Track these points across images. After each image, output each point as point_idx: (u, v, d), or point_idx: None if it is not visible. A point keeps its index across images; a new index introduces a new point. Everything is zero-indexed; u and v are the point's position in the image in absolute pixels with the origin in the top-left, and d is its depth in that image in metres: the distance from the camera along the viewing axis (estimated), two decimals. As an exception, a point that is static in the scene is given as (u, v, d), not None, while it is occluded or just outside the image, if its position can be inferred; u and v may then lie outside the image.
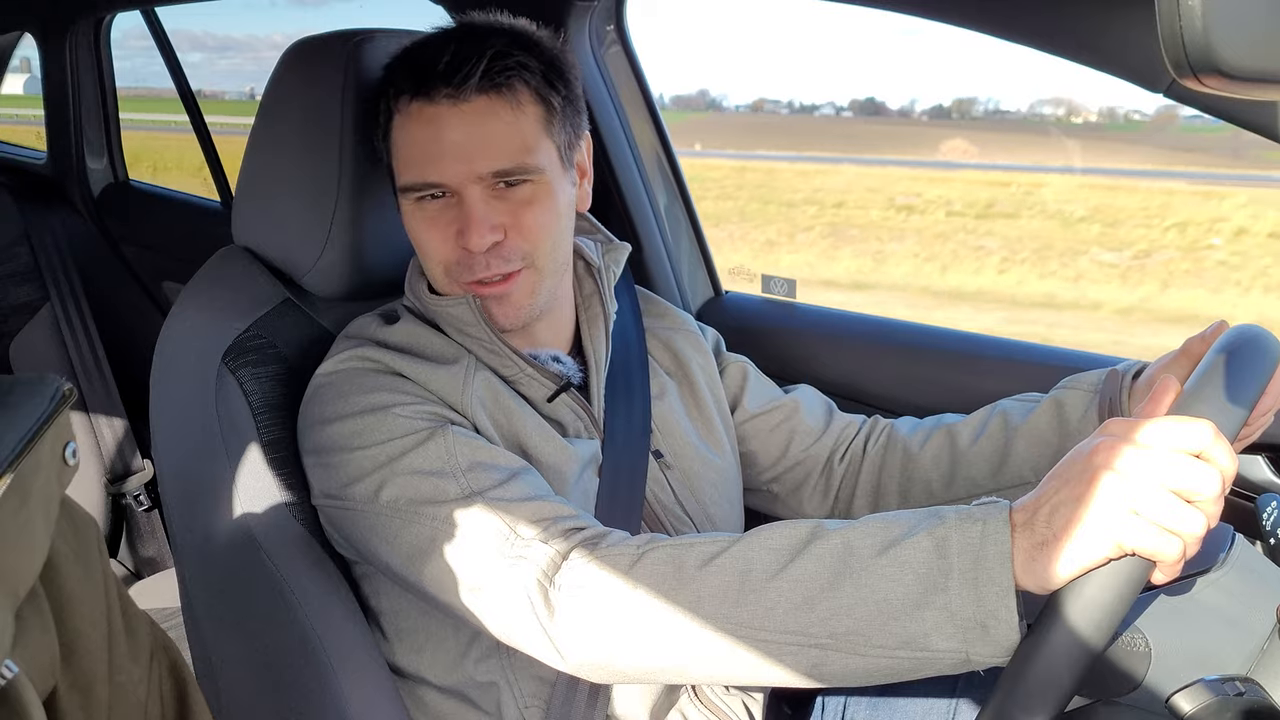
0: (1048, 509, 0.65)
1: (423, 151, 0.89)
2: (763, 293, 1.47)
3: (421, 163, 0.89)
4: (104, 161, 2.29)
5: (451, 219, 0.90)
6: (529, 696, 0.91)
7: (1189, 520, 0.62)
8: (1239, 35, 0.43)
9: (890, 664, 0.69)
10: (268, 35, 24.73)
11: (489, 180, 0.89)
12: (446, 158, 0.88)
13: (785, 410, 1.12)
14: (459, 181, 0.89)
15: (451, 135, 0.88)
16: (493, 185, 0.90)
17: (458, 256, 0.91)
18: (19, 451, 0.43)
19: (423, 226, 0.92)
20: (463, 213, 0.89)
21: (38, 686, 0.45)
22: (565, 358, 1.00)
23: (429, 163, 0.89)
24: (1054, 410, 0.98)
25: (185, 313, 1.03)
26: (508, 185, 0.90)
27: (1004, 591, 0.65)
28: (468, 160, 0.88)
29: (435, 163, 0.89)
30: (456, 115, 0.88)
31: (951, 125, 15.36)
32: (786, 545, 0.73)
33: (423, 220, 0.91)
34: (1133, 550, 0.63)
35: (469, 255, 0.90)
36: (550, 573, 0.77)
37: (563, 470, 0.92)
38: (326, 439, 0.89)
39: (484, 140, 0.88)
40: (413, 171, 0.90)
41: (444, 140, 0.88)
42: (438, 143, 0.89)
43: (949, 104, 17.50)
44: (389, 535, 0.84)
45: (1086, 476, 0.64)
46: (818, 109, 14.88)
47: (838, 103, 17.08)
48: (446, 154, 0.88)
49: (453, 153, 0.88)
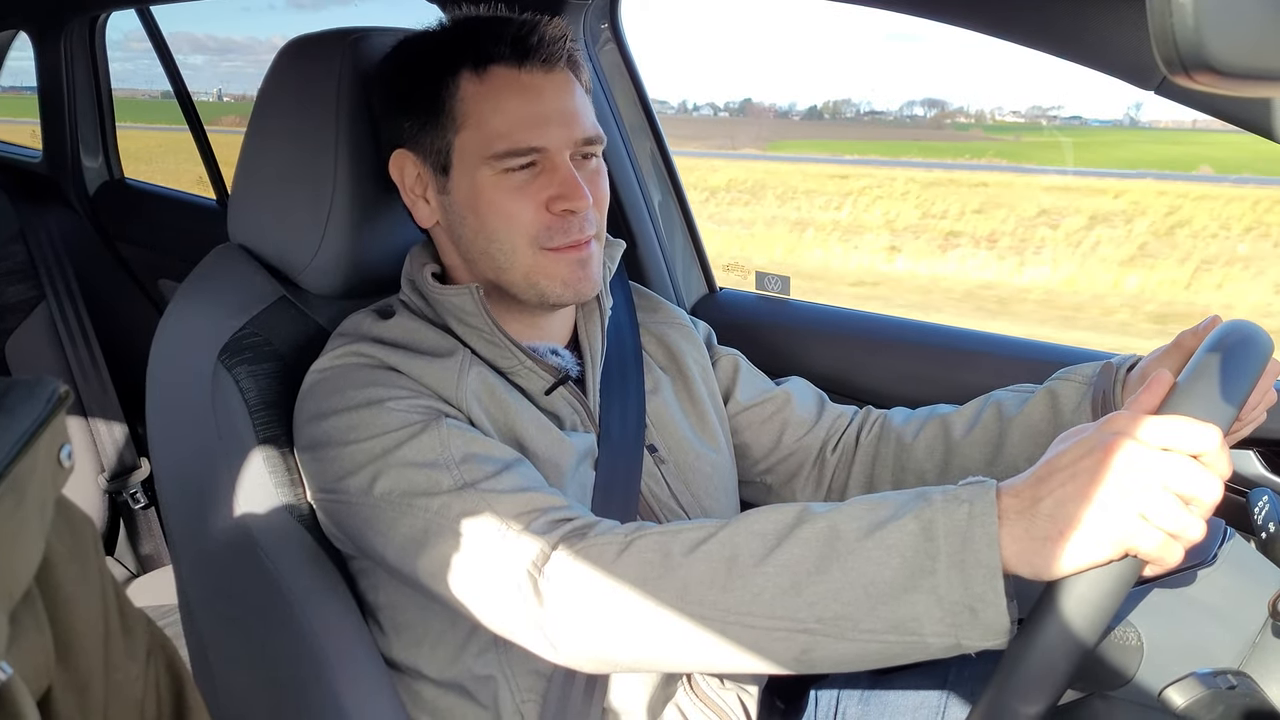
0: (1051, 502, 0.64)
1: (524, 116, 0.90)
2: (757, 289, 1.47)
3: (523, 128, 0.90)
4: (99, 159, 2.29)
5: (541, 185, 0.91)
6: (525, 690, 0.91)
7: (1191, 525, 0.62)
8: (1231, 31, 0.43)
9: (879, 648, 0.68)
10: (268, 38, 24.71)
11: (579, 148, 0.93)
12: (550, 124, 0.91)
13: (777, 402, 1.12)
14: (559, 146, 0.91)
15: (552, 103, 0.91)
16: (575, 155, 0.93)
17: (548, 222, 0.91)
18: (14, 455, 0.44)
19: (511, 195, 0.91)
20: (556, 178, 0.91)
21: (32, 687, 0.45)
22: (563, 351, 1.00)
23: (531, 128, 0.90)
24: (1048, 402, 0.98)
25: (181, 310, 1.03)
26: (584, 157, 0.94)
27: (991, 574, 0.64)
28: (566, 126, 0.91)
29: (538, 128, 0.90)
30: (552, 85, 0.92)
31: (819, 125, 16.78)
32: (773, 530, 0.72)
33: (510, 189, 0.91)
34: (1137, 553, 0.63)
35: (563, 220, 0.91)
36: (540, 563, 0.78)
37: (559, 463, 0.92)
38: (321, 434, 0.89)
39: (575, 109, 0.93)
40: (512, 137, 0.90)
41: (546, 107, 0.91)
42: (541, 109, 0.91)
43: (821, 105, 18.94)
44: (383, 527, 0.85)
45: (1095, 474, 0.63)
46: (699, 109, 15.49)
47: (717, 103, 17.90)
48: (550, 120, 0.91)
49: (555, 119, 0.91)
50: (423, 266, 0.98)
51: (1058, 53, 0.82)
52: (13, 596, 0.44)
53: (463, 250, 0.96)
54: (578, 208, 0.91)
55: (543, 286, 0.93)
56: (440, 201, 0.96)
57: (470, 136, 0.91)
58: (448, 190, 0.94)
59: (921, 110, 16.94)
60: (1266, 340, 0.73)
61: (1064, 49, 0.82)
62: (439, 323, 0.96)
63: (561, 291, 0.94)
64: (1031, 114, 16.12)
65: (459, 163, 0.92)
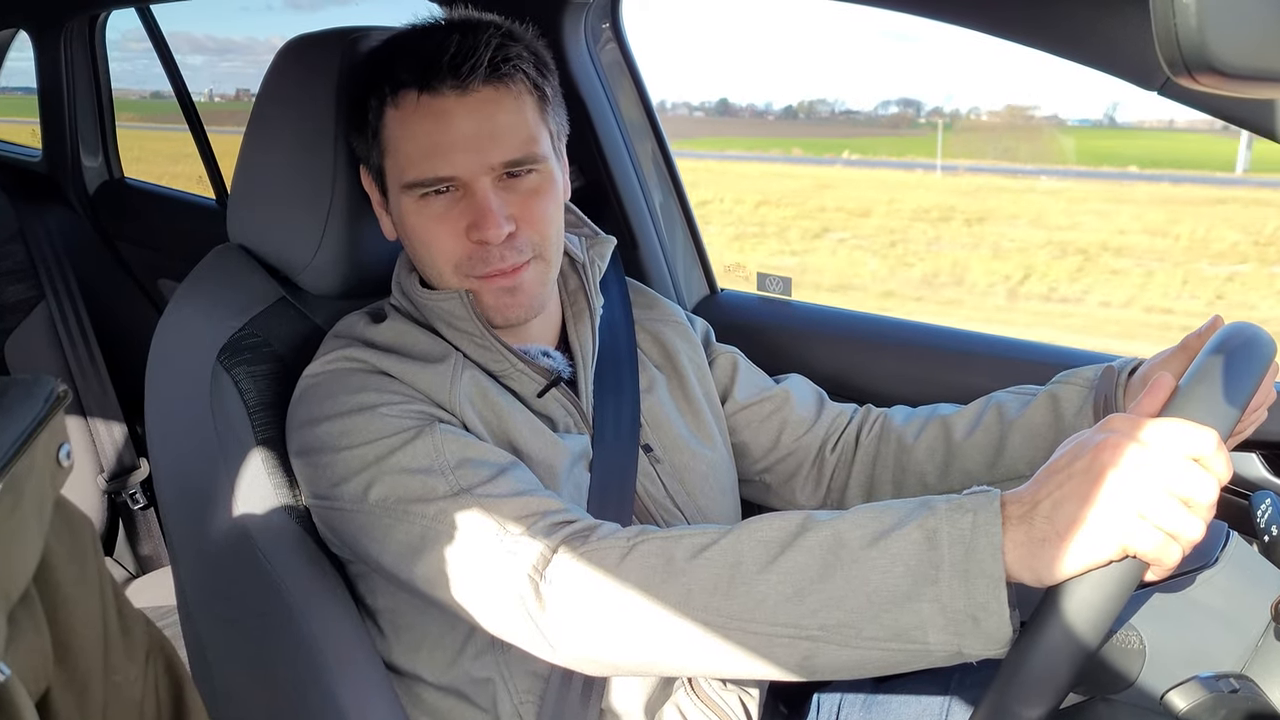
0: (1049, 504, 0.64)
1: (430, 145, 0.88)
2: (758, 290, 1.47)
3: (429, 156, 0.88)
4: (99, 159, 2.29)
5: (460, 213, 0.89)
6: (523, 692, 0.91)
7: (1189, 526, 0.62)
8: (1234, 33, 0.43)
9: (881, 656, 0.68)
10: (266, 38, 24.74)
11: (499, 171, 0.89)
12: (457, 150, 0.88)
13: (776, 400, 1.12)
14: (470, 173, 0.88)
15: (461, 127, 0.87)
16: (500, 176, 0.89)
17: (468, 251, 0.90)
18: (12, 454, 0.43)
19: (429, 224, 0.90)
20: (473, 205, 0.88)
21: (30, 688, 0.45)
22: (555, 352, 1.00)
23: (438, 156, 0.88)
24: (1049, 405, 0.98)
25: (180, 310, 1.03)
26: (512, 176, 0.90)
27: (995, 583, 0.64)
28: (478, 151, 0.88)
29: (445, 155, 0.88)
30: (463, 107, 0.88)
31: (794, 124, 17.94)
32: (777, 537, 0.72)
33: (429, 218, 0.90)
34: (1135, 553, 0.63)
35: (481, 249, 0.90)
36: (540, 567, 0.77)
37: (553, 465, 0.92)
38: (314, 439, 0.88)
39: (492, 131, 0.88)
40: (419, 167, 0.88)
41: (453, 132, 0.87)
42: (447, 135, 0.87)
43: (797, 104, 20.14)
44: (379, 534, 0.84)
45: (1092, 474, 0.64)
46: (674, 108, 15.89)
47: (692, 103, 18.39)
48: (457, 146, 0.87)
49: (463, 145, 0.87)
50: (410, 271, 0.98)
51: (1060, 53, 0.82)
52: (10, 597, 0.44)
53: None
54: (490, 238, 0.89)
55: (477, 311, 0.93)
56: (389, 220, 0.96)
57: (391, 163, 0.91)
58: (390, 211, 0.95)
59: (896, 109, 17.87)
60: (1269, 342, 0.73)
61: (1067, 50, 0.82)
62: (430, 326, 0.96)
63: (494, 317, 0.93)
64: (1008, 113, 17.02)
65: (390, 187, 0.93)
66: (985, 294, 8.19)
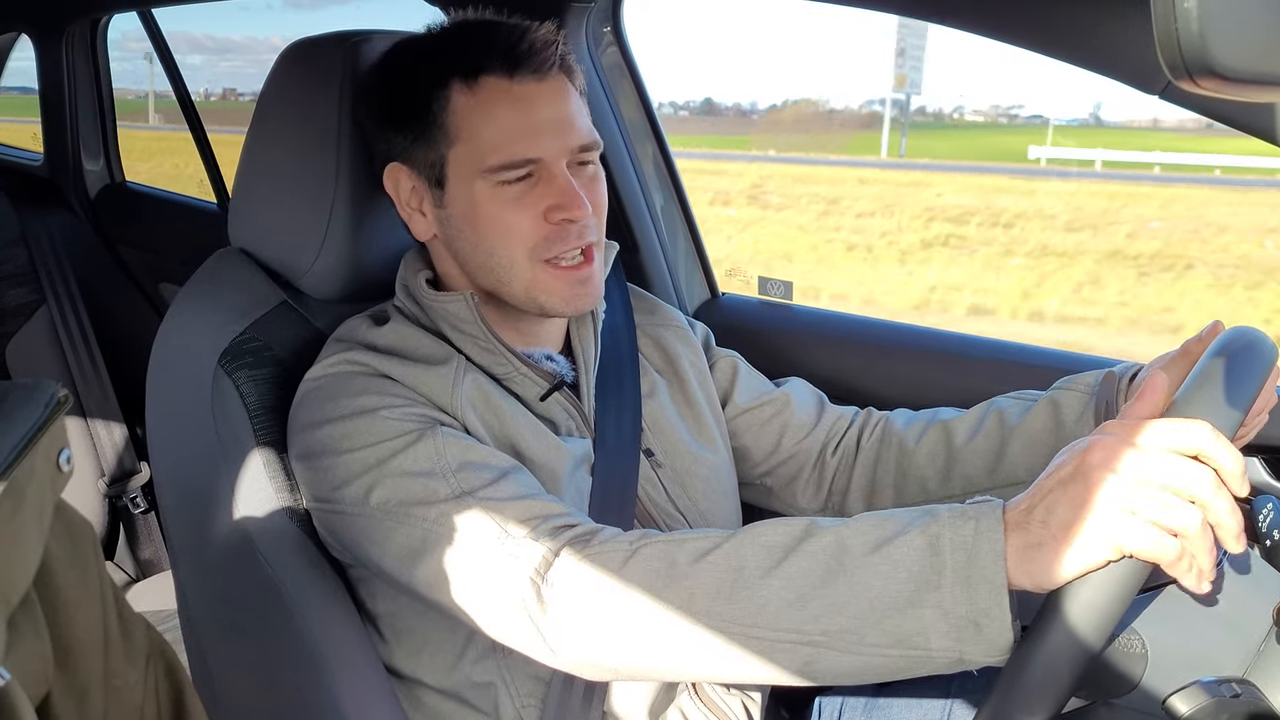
0: (1042, 509, 0.65)
1: (516, 129, 0.89)
2: (759, 294, 1.47)
3: (516, 140, 0.89)
4: (100, 163, 2.29)
5: (539, 195, 0.90)
6: (525, 696, 0.91)
7: (1185, 517, 0.62)
8: (1235, 37, 0.43)
9: (883, 662, 0.68)
10: (266, 38, 24.81)
11: (575, 155, 0.91)
12: (544, 134, 0.89)
13: (776, 404, 1.12)
14: (554, 156, 0.90)
15: (544, 112, 0.90)
16: (571, 162, 0.91)
17: (546, 233, 0.90)
18: (13, 458, 0.43)
19: (508, 207, 0.90)
20: (555, 187, 0.89)
21: (30, 693, 0.45)
22: (558, 356, 1.00)
23: (524, 139, 0.89)
24: (1050, 411, 0.98)
25: (181, 315, 1.03)
26: (580, 163, 0.92)
27: (997, 590, 0.65)
28: (559, 135, 0.90)
29: (531, 138, 0.89)
30: (543, 93, 0.90)
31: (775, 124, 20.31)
32: (780, 542, 0.72)
33: (508, 201, 0.90)
34: (1131, 553, 0.62)
35: (560, 229, 0.90)
36: (543, 570, 0.77)
37: (555, 469, 0.92)
38: (315, 443, 0.88)
39: (569, 117, 0.91)
40: (506, 150, 0.89)
41: (539, 116, 0.89)
42: (533, 119, 0.89)
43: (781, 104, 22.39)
44: (380, 537, 0.84)
45: (1081, 477, 0.64)
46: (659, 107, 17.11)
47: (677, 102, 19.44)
48: (544, 130, 0.89)
49: (549, 128, 0.89)
50: (417, 273, 0.97)
51: (1062, 57, 0.82)
52: (11, 602, 0.44)
53: (461, 262, 0.95)
54: (576, 217, 0.90)
55: (542, 300, 0.93)
56: (437, 215, 0.94)
57: (464, 150, 0.90)
58: (444, 204, 0.93)
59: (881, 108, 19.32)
60: (1270, 346, 0.73)
61: (1068, 53, 0.82)
62: (433, 329, 0.96)
63: (561, 307, 0.93)
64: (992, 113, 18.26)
65: (454, 176, 0.91)
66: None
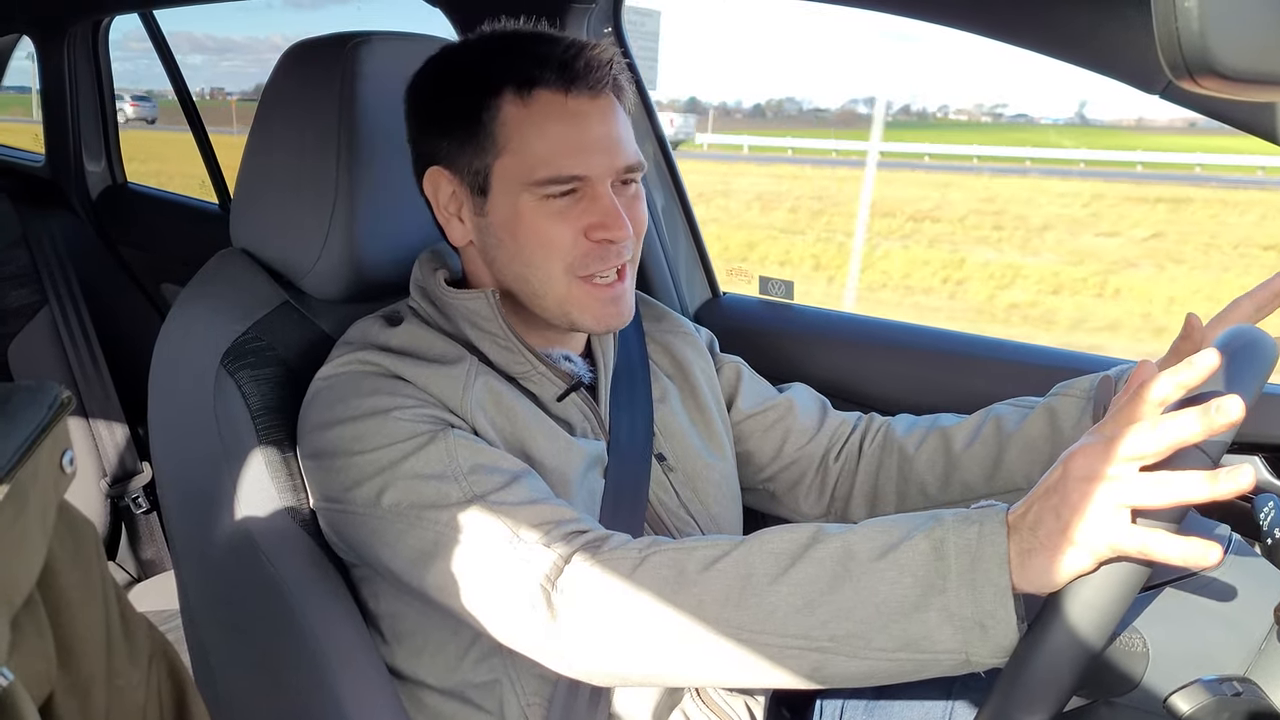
0: (1033, 517, 0.66)
1: (567, 145, 0.89)
2: (760, 294, 1.47)
3: (566, 156, 0.89)
4: (102, 164, 2.29)
5: (581, 212, 0.90)
6: (531, 694, 0.91)
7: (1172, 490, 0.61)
8: (1236, 37, 0.43)
9: (890, 666, 0.69)
10: (267, 37, 24.84)
11: (620, 175, 0.91)
12: (594, 152, 0.89)
13: (779, 409, 1.12)
14: (600, 175, 0.90)
15: (596, 130, 0.90)
16: (615, 181, 0.91)
17: (585, 250, 0.90)
18: (16, 460, 0.43)
19: (550, 221, 0.90)
20: (598, 206, 0.89)
21: (33, 693, 0.45)
22: (576, 358, 1.00)
23: (574, 155, 0.89)
24: (1047, 417, 0.98)
25: (184, 315, 1.03)
26: (624, 183, 0.92)
27: (1001, 592, 0.65)
28: (608, 154, 0.90)
29: (580, 155, 0.89)
30: (596, 111, 0.90)
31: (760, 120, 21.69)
32: (787, 549, 0.73)
33: (551, 215, 0.90)
34: (1121, 551, 0.63)
35: (600, 248, 0.90)
36: (553, 576, 0.77)
37: (566, 471, 0.92)
38: (327, 443, 0.88)
39: (618, 137, 0.91)
40: (554, 165, 0.89)
41: (590, 135, 0.89)
42: (584, 136, 0.89)
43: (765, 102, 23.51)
44: (391, 540, 0.84)
45: (1062, 486, 0.65)
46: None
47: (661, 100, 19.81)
48: (594, 148, 0.89)
49: (598, 147, 0.89)
50: (434, 272, 0.97)
51: (1063, 57, 0.82)
52: (14, 602, 0.44)
53: (496, 271, 0.95)
54: (617, 238, 0.90)
55: (574, 316, 0.93)
56: (476, 223, 0.94)
57: (511, 161, 0.90)
58: (484, 212, 0.92)
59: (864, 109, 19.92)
60: (1271, 343, 0.73)
61: (1069, 53, 0.82)
62: (449, 330, 0.96)
63: (593, 324, 0.93)
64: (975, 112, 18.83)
65: (498, 186, 0.91)
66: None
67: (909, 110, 20.86)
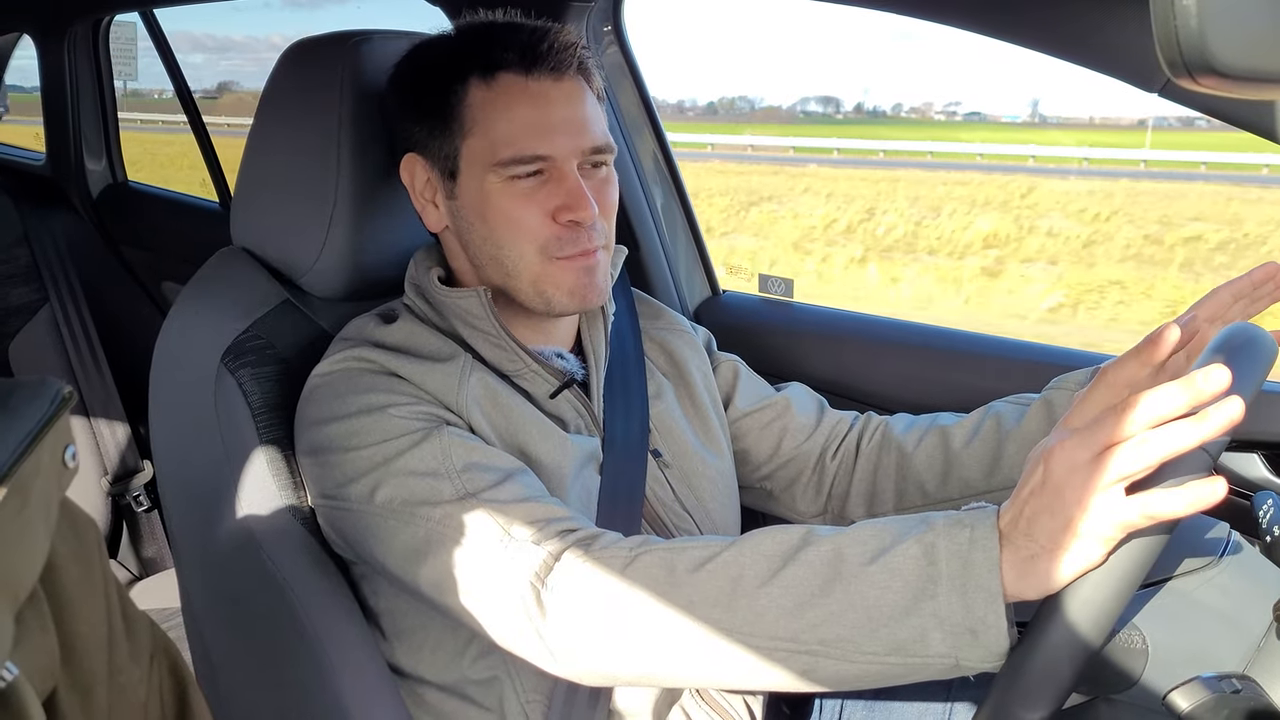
0: (1024, 521, 0.65)
1: (529, 125, 0.90)
2: (760, 292, 1.47)
3: (528, 136, 0.89)
4: (103, 163, 2.29)
5: (548, 194, 0.90)
6: (531, 691, 0.91)
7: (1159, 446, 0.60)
8: (1235, 35, 0.43)
9: (880, 670, 0.69)
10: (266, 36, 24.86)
11: (586, 157, 0.92)
12: (557, 132, 0.90)
13: (776, 408, 1.12)
14: (565, 155, 0.90)
15: (559, 111, 0.90)
16: (582, 164, 0.92)
17: (555, 233, 0.91)
18: (19, 455, 0.44)
19: (518, 203, 0.91)
20: (564, 187, 0.90)
21: (37, 688, 0.45)
22: (568, 355, 1.00)
23: (536, 136, 0.89)
24: (1044, 413, 0.98)
25: (184, 313, 1.03)
26: (593, 166, 0.93)
27: (992, 598, 0.65)
28: (572, 135, 0.90)
29: (543, 136, 0.89)
30: (560, 93, 0.91)
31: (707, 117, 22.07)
32: (778, 551, 0.73)
33: (517, 196, 0.91)
34: (1131, 527, 0.62)
35: (569, 230, 0.91)
36: (543, 574, 0.78)
37: (562, 467, 0.92)
38: (322, 439, 0.89)
39: (583, 118, 0.92)
40: (517, 144, 0.89)
41: (554, 115, 0.90)
42: (547, 117, 0.90)
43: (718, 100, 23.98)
44: (385, 536, 0.85)
45: (1050, 484, 0.64)
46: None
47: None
48: (557, 129, 0.90)
49: (562, 128, 0.90)
50: (428, 270, 0.98)
51: (1061, 55, 0.82)
52: (18, 598, 0.44)
53: (471, 255, 0.96)
54: (583, 219, 0.90)
55: (549, 295, 0.93)
56: (449, 207, 0.95)
57: (477, 143, 0.91)
58: (455, 195, 0.94)
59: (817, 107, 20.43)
60: (1270, 341, 0.73)
61: (1068, 52, 0.82)
62: (443, 327, 0.96)
63: (567, 301, 0.93)
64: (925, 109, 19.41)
65: (466, 168, 0.92)
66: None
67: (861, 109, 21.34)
